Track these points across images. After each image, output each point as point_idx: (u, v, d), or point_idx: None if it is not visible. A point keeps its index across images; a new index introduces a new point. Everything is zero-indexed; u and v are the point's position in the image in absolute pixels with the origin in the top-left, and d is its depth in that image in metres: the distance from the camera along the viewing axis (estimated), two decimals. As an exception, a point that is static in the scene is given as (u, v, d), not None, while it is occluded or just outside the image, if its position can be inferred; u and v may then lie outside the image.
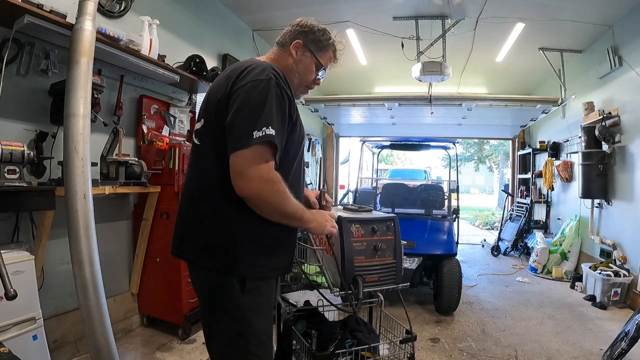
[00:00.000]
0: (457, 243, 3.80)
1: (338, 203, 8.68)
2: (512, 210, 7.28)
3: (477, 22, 4.33)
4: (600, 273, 3.80)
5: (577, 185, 4.82)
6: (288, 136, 1.17)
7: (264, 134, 1.05)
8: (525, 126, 7.46)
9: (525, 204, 6.78)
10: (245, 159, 1.06)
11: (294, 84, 1.29)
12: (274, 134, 1.06)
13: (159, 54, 2.79)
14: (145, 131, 2.95)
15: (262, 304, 1.23)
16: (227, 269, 1.17)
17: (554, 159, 5.88)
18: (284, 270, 1.37)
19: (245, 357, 1.20)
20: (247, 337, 1.19)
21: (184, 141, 3.05)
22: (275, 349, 1.88)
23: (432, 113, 6.43)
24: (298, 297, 2.18)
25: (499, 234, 6.97)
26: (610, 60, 4.22)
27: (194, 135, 1.31)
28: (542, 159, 6.43)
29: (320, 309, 2.04)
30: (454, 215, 4.20)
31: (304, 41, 1.30)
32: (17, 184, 1.83)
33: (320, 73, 1.36)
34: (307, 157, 7.39)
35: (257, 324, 1.20)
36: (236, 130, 1.08)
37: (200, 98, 3.75)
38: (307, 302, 2.08)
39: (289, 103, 1.15)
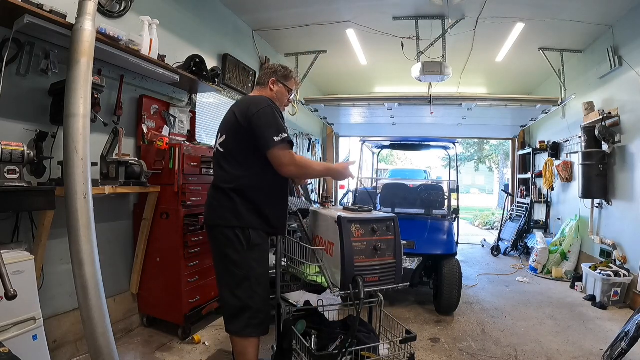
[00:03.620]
0: (457, 243, 3.80)
1: (338, 203, 8.73)
2: (512, 210, 7.28)
3: (477, 22, 4.32)
4: (600, 273, 3.80)
5: (577, 185, 4.82)
6: None
7: (281, 137, 1.75)
8: (525, 126, 7.46)
9: (525, 204, 6.78)
10: (281, 153, 1.76)
11: (277, 104, 1.97)
12: (286, 136, 1.76)
13: (159, 54, 2.79)
14: (145, 131, 2.95)
15: (261, 256, 1.84)
16: (237, 224, 1.79)
17: (554, 159, 5.87)
18: (275, 229, 1.92)
19: (250, 297, 1.76)
20: (249, 281, 1.77)
21: (184, 141, 3.05)
22: (275, 348, 1.88)
23: (432, 113, 6.43)
24: (298, 297, 2.18)
25: (499, 234, 6.97)
26: (610, 60, 4.22)
27: (218, 146, 1.93)
28: (542, 159, 6.43)
29: (320, 309, 2.04)
30: (454, 215, 4.20)
31: (276, 78, 2.01)
32: (17, 184, 1.83)
33: (291, 96, 2.09)
34: (307, 157, 7.39)
35: (258, 270, 1.80)
36: (264, 140, 1.75)
37: (200, 98, 3.76)
38: (307, 302, 2.08)
39: (281, 117, 1.85)
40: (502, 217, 7.41)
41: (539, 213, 6.64)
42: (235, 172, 1.82)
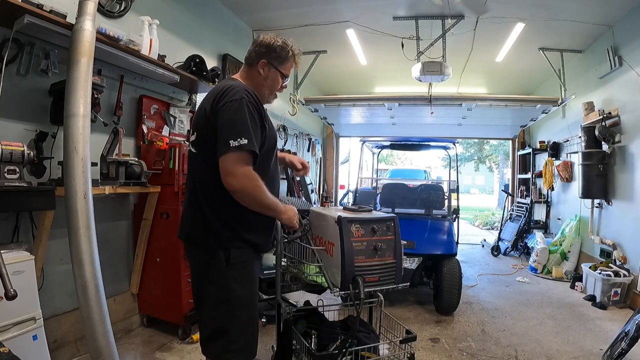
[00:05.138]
0: (457, 243, 3.80)
1: (338, 203, 8.72)
2: (512, 210, 7.27)
3: (477, 22, 4.33)
4: (600, 273, 3.80)
5: (577, 185, 4.82)
6: (264, 138, 1.46)
7: (239, 143, 1.34)
8: (525, 126, 7.46)
9: (525, 204, 6.78)
10: (230, 161, 1.35)
11: (264, 95, 1.59)
12: (246, 143, 1.35)
13: (159, 54, 2.79)
14: (145, 131, 2.95)
15: (243, 276, 1.50)
16: (219, 244, 1.47)
17: (554, 159, 5.88)
18: (259, 248, 1.60)
19: (228, 320, 1.48)
20: (229, 303, 1.47)
21: (184, 141, 3.05)
22: (275, 348, 1.88)
23: (432, 113, 6.43)
24: (298, 297, 2.18)
25: (499, 234, 6.97)
26: (610, 60, 4.22)
27: (190, 145, 1.59)
28: (542, 159, 6.43)
29: (320, 309, 2.04)
30: (454, 215, 4.20)
31: (267, 59, 1.55)
32: (17, 184, 1.83)
33: (286, 82, 1.64)
34: (307, 157, 7.39)
35: (238, 291, 1.48)
36: (220, 141, 1.38)
37: (200, 98, 3.75)
38: (307, 302, 2.08)
39: (259, 114, 1.44)
40: (502, 217, 7.41)
41: (539, 213, 6.64)
42: (207, 178, 1.46)
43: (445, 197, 4.67)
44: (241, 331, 1.49)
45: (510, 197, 7.67)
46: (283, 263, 1.99)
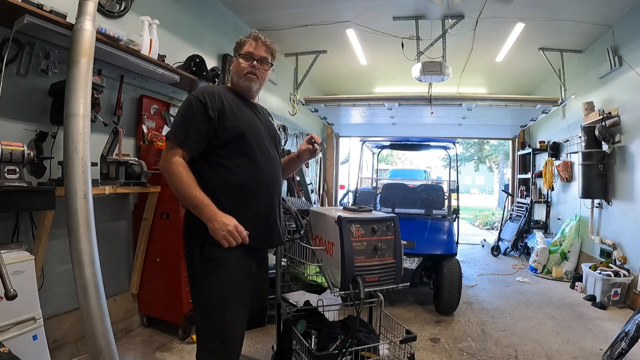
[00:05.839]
0: (457, 243, 3.80)
1: (338, 203, 8.72)
2: (512, 210, 7.27)
3: (477, 22, 4.32)
4: (600, 273, 3.80)
5: (577, 185, 4.81)
6: (218, 129, 1.49)
7: (172, 134, 1.49)
8: (525, 126, 7.46)
9: (525, 204, 6.78)
10: (163, 151, 1.49)
11: (236, 83, 1.64)
12: (172, 134, 1.48)
13: (159, 54, 2.79)
14: (145, 131, 2.95)
15: (218, 274, 1.45)
16: (193, 235, 1.50)
17: (554, 159, 5.87)
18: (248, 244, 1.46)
19: (201, 318, 1.49)
20: (200, 301, 1.48)
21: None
22: (275, 348, 1.88)
23: (432, 113, 6.43)
24: (298, 297, 2.18)
25: (499, 234, 6.97)
26: (610, 60, 4.22)
27: None
28: (542, 159, 6.43)
29: (320, 309, 2.04)
30: (454, 215, 4.20)
31: (233, 55, 1.67)
32: (17, 184, 1.83)
33: (253, 62, 1.60)
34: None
35: (212, 291, 1.45)
36: None
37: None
38: (307, 302, 2.08)
39: (203, 107, 1.48)
40: (502, 217, 7.41)
41: (539, 213, 6.64)
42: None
43: (445, 197, 4.67)
44: (213, 333, 1.44)
45: (510, 197, 7.67)
46: (283, 263, 1.99)
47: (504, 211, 7.52)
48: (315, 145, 1.76)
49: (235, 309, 1.46)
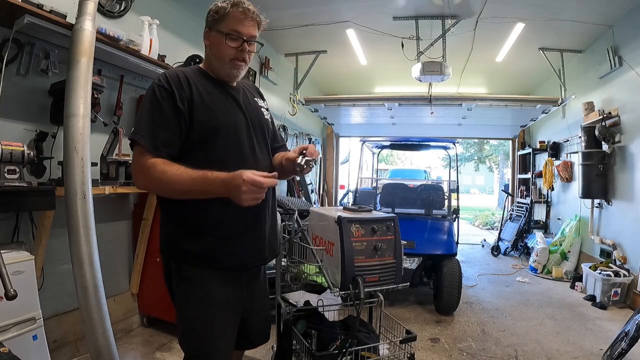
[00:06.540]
0: (457, 243, 3.80)
1: (338, 203, 8.71)
2: (512, 210, 7.27)
3: (477, 22, 4.33)
4: (600, 273, 3.80)
5: (577, 185, 4.81)
6: (189, 123, 1.22)
7: (135, 134, 1.19)
8: (525, 126, 7.46)
9: (525, 204, 6.78)
10: (134, 155, 1.22)
11: (216, 68, 1.33)
12: (136, 130, 1.19)
13: (159, 54, 2.79)
14: (145, 131, 2.95)
15: (195, 293, 1.27)
16: (167, 252, 1.32)
17: (554, 159, 5.88)
18: (216, 260, 1.27)
19: (181, 339, 1.33)
20: (181, 322, 1.31)
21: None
22: (275, 348, 1.88)
23: (432, 113, 6.43)
24: (298, 297, 2.17)
25: (499, 234, 6.96)
26: (610, 60, 4.23)
27: None
28: (542, 159, 6.43)
29: (320, 309, 2.03)
30: (454, 215, 4.20)
31: (207, 26, 1.31)
32: (17, 184, 1.83)
33: (241, 43, 1.28)
34: (307, 157, 7.37)
35: (189, 312, 1.28)
36: None
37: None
38: (307, 302, 2.08)
39: (170, 96, 1.20)
40: (502, 217, 7.41)
41: (539, 213, 6.64)
42: None
43: (445, 197, 4.67)
44: (191, 353, 1.30)
45: (510, 197, 7.67)
46: (283, 263, 1.99)
47: (504, 211, 7.51)
48: (305, 160, 1.28)
49: (218, 336, 1.28)
